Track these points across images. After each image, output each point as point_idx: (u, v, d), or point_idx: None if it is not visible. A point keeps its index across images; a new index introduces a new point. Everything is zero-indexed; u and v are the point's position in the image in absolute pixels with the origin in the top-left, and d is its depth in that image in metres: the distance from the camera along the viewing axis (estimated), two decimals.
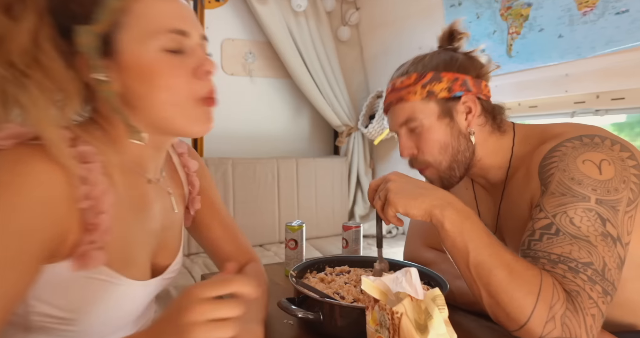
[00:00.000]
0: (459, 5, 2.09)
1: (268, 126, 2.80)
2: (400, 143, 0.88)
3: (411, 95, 0.84)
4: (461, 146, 0.85)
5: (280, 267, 1.14)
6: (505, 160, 0.87)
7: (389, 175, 0.77)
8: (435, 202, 0.70)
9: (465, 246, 0.68)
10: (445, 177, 0.87)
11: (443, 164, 0.85)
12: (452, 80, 0.83)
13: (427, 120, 0.84)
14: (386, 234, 2.65)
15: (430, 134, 0.84)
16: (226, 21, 2.60)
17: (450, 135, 0.84)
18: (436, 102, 0.84)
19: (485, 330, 0.77)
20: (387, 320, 0.54)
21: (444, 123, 0.84)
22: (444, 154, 0.85)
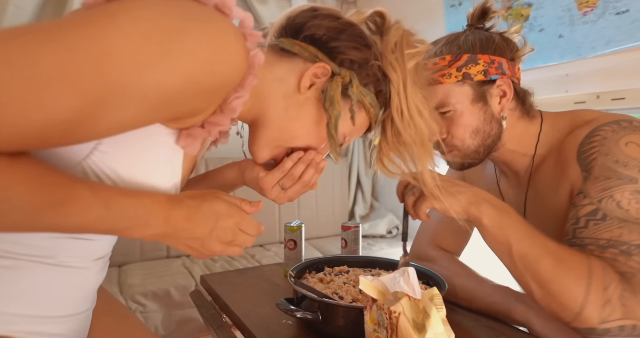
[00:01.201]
0: (459, 5, 2.09)
1: None
2: None
3: (445, 77, 0.81)
4: (492, 131, 0.83)
5: (280, 268, 1.14)
6: (530, 147, 0.85)
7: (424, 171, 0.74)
8: (471, 199, 0.70)
9: (506, 239, 0.67)
10: (467, 160, 0.86)
11: (471, 148, 0.84)
12: (489, 63, 0.81)
13: (460, 105, 0.81)
14: (386, 234, 2.65)
15: (463, 119, 0.81)
16: None
17: (483, 120, 0.82)
18: (470, 86, 0.81)
19: (484, 330, 0.77)
20: (385, 320, 0.54)
21: (478, 107, 0.82)
22: (475, 138, 0.83)
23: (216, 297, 0.94)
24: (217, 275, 1.07)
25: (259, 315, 0.82)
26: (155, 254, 2.17)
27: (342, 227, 1.15)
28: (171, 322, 1.64)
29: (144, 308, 1.64)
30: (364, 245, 2.44)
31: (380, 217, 2.75)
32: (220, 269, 2.03)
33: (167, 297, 1.72)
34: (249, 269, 1.15)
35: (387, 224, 2.67)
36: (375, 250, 2.36)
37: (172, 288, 1.76)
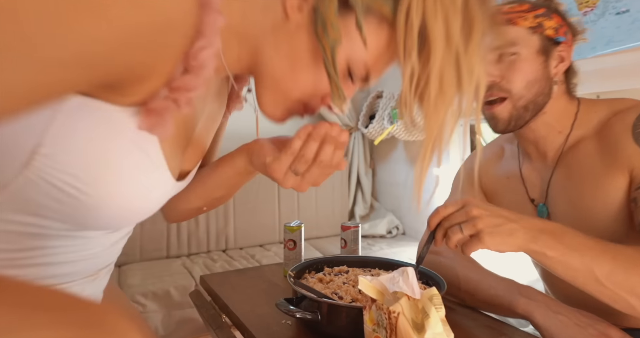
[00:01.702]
0: None
1: (268, 126, 2.78)
2: None
3: (521, 20, 0.81)
4: (545, 89, 0.83)
5: (279, 268, 1.14)
6: (567, 126, 0.86)
7: (472, 207, 0.67)
8: (527, 235, 0.65)
9: (583, 264, 0.63)
10: (515, 117, 0.84)
11: (522, 101, 0.82)
12: (560, 24, 0.83)
13: (525, 51, 0.81)
14: (386, 234, 2.65)
15: (524, 65, 0.81)
16: None
17: (542, 74, 0.83)
18: (539, 37, 0.82)
19: (483, 329, 0.77)
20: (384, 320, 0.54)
21: (540, 60, 0.82)
22: (529, 89, 0.82)
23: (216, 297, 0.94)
24: (216, 276, 1.07)
25: (259, 315, 0.82)
26: (155, 254, 2.17)
27: (342, 227, 1.15)
28: (171, 322, 1.64)
29: (144, 308, 1.64)
30: (364, 245, 2.44)
31: (380, 217, 2.75)
32: (220, 269, 2.03)
33: (166, 297, 1.72)
34: (248, 269, 1.15)
35: (387, 224, 2.67)
36: (375, 250, 2.36)
37: (172, 288, 1.76)
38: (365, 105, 2.79)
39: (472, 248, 0.66)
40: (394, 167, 2.79)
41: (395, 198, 2.80)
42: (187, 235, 2.27)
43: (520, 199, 0.94)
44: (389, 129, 2.45)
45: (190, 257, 2.22)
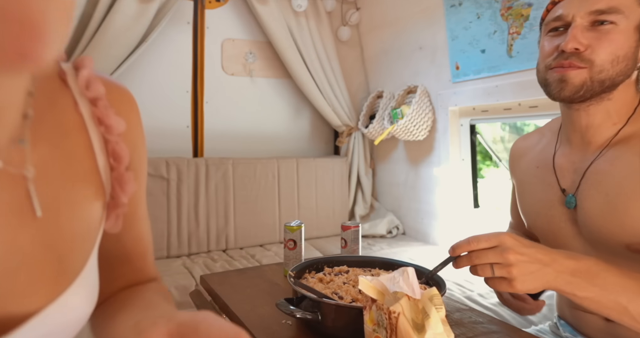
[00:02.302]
0: (460, 5, 2.09)
1: (268, 126, 2.80)
2: (572, 32, 0.74)
3: None
4: (630, 69, 0.75)
5: (280, 268, 1.14)
6: (623, 118, 0.79)
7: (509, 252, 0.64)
8: (559, 279, 0.64)
9: (616, 303, 0.62)
10: (588, 87, 0.75)
11: (602, 75, 0.74)
12: None
13: (625, 22, 0.73)
14: (386, 234, 2.65)
15: (619, 37, 0.73)
16: (226, 21, 2.60)
17: (633, 53, 0.74)
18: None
19: (483, 329, 0.77)
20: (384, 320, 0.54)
21: (636, 37, 0.74)
22: (615, 66, 0.74)
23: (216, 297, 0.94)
24: (217, 275, 1.07)
25: (259, 315, 0.82)
26: (155, 254, 2.17)
27: (342, 227, 1.15)
28: None
29: None
30: (364, 245, 2.44)
31: (380, 217, 2.75)
32: (220, 269, 2.03)
33: None
34: (248, 269, 1.15)
35: (387, 224, 2.67)
36: (375, 250, 2.36)
37: (172, 288, 1.76)
38: (365, 105, 2.79)
39: (499, 288, 0.65)
40: (394, 167, 2.79)
41: (395, 198, 2.80)
42: (187, 235, 2.27)
43: (549, 189, 0.89)
44: (389, 129, 2.45)
45: (191, 257, 2.22)
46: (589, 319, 0.86)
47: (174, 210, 2.25)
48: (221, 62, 2.60)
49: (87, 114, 0.44)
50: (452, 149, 2.32)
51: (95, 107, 0.45)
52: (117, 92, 0.48)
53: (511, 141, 2.53)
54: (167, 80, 2.45)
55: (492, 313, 1.56)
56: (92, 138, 0.44)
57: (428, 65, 2.39)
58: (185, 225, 2.27)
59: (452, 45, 2.17)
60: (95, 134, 0.45)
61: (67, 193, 0.41)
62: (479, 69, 2.06)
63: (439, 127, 2.38)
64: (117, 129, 0.45)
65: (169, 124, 2.48)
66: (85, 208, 0.42)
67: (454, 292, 1.72)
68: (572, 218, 0.84)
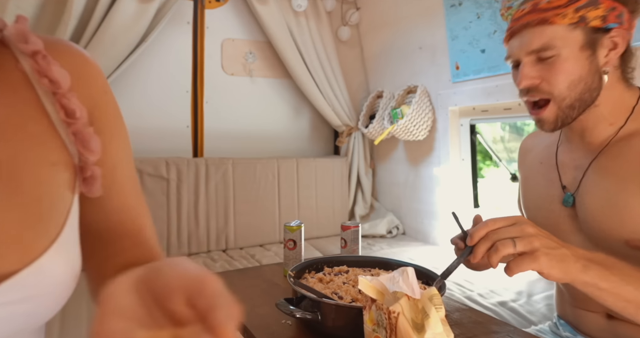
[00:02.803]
0: (460, 5, 2.09)
1: (268, 126, 2.80)
2: (523, 71, 0.78)
3: (559, 17, 0.74)
4: (593, 84, 0.76)
5: (279, 267, 1.14)
6: (620, 118, 0.79)
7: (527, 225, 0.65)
8: (577, 263, 0.63)
9: (635, 295, 0.62)
10: (562, 117, 0.78)
11: (566, 101, 0.76)
12: (609, 9, 0.74)
13: (566, 50, 0.74)
14: (386, 234, 2.65)
15: (565, 66, 0.75)
16: (226, 21, 2.60)
17: (588, 70, 0.75)
18: (583, 31, 0.74)
19: (483, 329, 0.77)
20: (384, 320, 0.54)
21: (584, 56, 0.75)
22: (573, 89, 0.76)
23: None
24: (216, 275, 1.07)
25: (259, 315, 0.82)
26: None
27: (342, 226, 1.15)
28: None
29: None
30: (364, 245, 2.44)
31: (380, 217, 2.75)
32: (220, 269, 2.03)
33: None
34: (248, 269, 1.15)
35: (387, 224, 2.67)
36: (375, 250, 2.36)
37: None
38: (365, 105, 2.79)
39: (522, 266, 0.62)
40: (394, 167, 2.79)
41: (395, 198, 2.80)
42: (187, 235, 2.27)
43: (551, 185, 0.89)
44: (389, 129, 2.45)
45: (191, 257, 2.22)
46: (589, 318, 0.86)
47: (174, 210, 2.25)
48: (221, 62, 2.60)
49: (29, 69, 0.43)
50: (452, 148, 2.32)
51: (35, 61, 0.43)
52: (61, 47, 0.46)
53: (511, 141, 2.54)
54: (167, 80, 2.45)
55: (492, 313, 1.56)
56: (40, 95, 0.43)
57: (428, 65, 2.39)
58: (185, 225, 2.26)
59: (452, 45, 2.17)
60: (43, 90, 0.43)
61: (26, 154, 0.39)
62: (479, 69, 2.06)
63: (439, 127, 2.38)
64: (62, 82, 0.43)
65: (169, 124, 2.48)
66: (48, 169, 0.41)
67: (454, 292, 1.72)
68: (571, 214, 0.85)
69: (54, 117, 0.43)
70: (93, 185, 0.45)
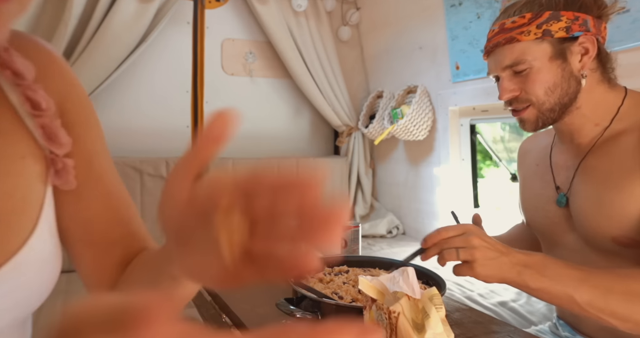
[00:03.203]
0: (460, 5, 2.09)
1: (268, 126, 2.80)
2: (502, 85, 0.84)
3: (524, 35, 0.79)
4: (570, 88, 0.81)
5: None
6: (605, 118, 0.82)
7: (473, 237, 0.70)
8: (512, 270, 0.69)
9: (564, 293, 0.67)
10: (542, 119, 0.83)
11: (546, 105, 0.81)
12: (572, 20, 0.79)
13: (537, 62, 0.80)
14: (386, 234, 2.65)
15: (539, 76, 0.80)
16: (226, 21, 2.60)
17: (561, 77, 0.80)
18: (550, 43, 0.79)
19: (483, 329, 0.77)
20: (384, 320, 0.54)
21: (556, 64, 0.80)
22: (551, 95, 0.80)
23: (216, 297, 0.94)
24: None
25: (259, 315, 0.81)
26: None
27: None
28: None
29: None
30: (364, 245, 2.44)
31: (380, 217, 2.75)
32: None
33: None
34: None
35: (387, 224, 2.67)
36: (375, 250, 2.35)
37: None
38: (365, 105, 2.79)
39: (462, 273, 0.71)
40: (394, 167, 2.79)
41: (395, 198, 2.80)
42: None
43: (546, 186, 0.92)
44: (389, 129, 2.45)
45: None
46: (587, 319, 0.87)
47: None
48: (221, 62, 2.60)
49: None
50: (452, 148, 2.32)
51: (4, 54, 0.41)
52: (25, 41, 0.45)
53: (511, 141, 2.54)
54: (167, 81, 2.45)
55: (492, 313, 1.56)
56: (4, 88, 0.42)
57: (428, 65, 2.39)
58: None
59: (452, 45, 2.17)
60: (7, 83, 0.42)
61: None
62: (479, 69, 2.06)
63: (439, 127, 2.38)
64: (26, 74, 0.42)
65: (169, 124, 2.48)
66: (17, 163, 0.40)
67: (454, 292, 1.72)
68: (565, 214, 0.87)
69: (20, 110, 0.42)
70: (66, 178, 0.44)
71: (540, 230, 0.95)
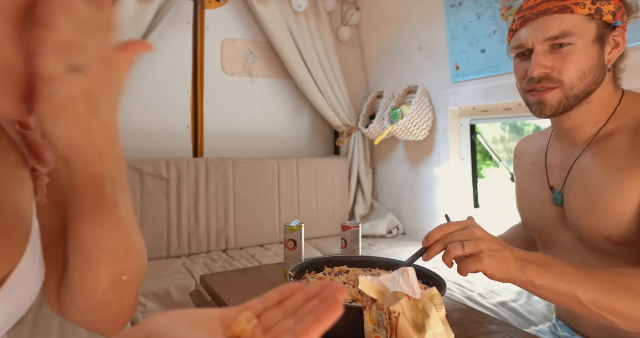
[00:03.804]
0: (460, 5, 2.09)
1: (268, 126, 2.80)
2: (536, 59, 0.79)
3: (579, 7, 0.76)
4: (599, 78, 0.79)
5: (280, 267, 1.14)
6: (604, 117, 0.82)
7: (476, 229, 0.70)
8: (516, 264, 0.67)
9: (567, 290, 0.66)
10: (564, 104, 0.80)
11: (574, 91, 0.78)
12: (618, 7, 0.77)
13: (581, 40, 0.76)
14: (386, 234, 2.65)
15: (579, 55, 0.77)
16: (226, 21, 2.60)
17: (597, 63, 0.78)
18: (597, 24, 0.77)
19: (483, 329, 0.77)
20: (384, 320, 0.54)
21: (595, 49, 0.78)
22: (583, 80, 0.78)
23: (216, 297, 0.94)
24: (217, 275, 1.07)
25: None
26: (155, 254, 2.17)
27: (342, 226, 1.15)
28: None
29: (144, 308, 1.64)
30: (364, 245, 2.44)
31: (380, 217, 2.75)
32: (220, 269, 2.03)
33: (167, 297, 1.72)
34: (248, 269, 1.15)
35: (387, 224, 2.67)
36: (375, 250, 2.35)
37: (172, 288, 1.76)
38: (365, 105, 2.79)
39: (469, 267, 0.68)
40: (394, 167, 2.79)
41: (395, 198, 2.80)
42: (187, 235, 2.27)
43: (540, 185, 0.92)
44: (389, 129, 2.45)
45: (191, 257, 2.22)
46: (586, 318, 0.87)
47: (174, 210, 2.25)
48: (221, 62, 2.60)
49: None
50: (452, 148, 2.32)
51: None
52: None
53: (511, 141, 2.53)
54: (167, 80, 2.45)
55: (492, 313, 1.56)
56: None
57: (428, 65, 2.39)
58: (185, 225, 2.26)
59: (452, 45, 2.17)
60: None
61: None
62: (479, 69, 2.06)
63: (439, 127, 2.38)
64: None
65: (169, 124, 2.48)
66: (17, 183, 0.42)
67: (454, 292, 1.72)
68: (560, 214, 0.87)
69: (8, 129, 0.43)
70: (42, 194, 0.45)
71: (536, 230, 0.95)
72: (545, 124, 1.98)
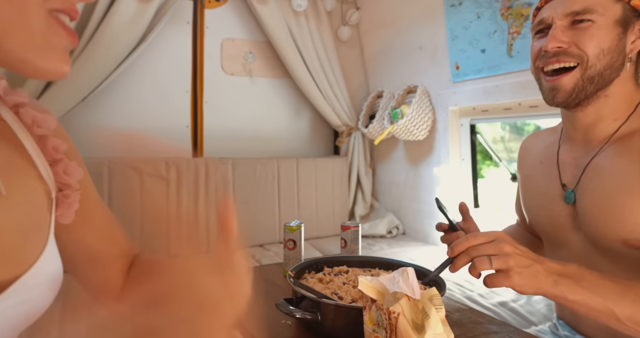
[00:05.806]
0: (460, 5, 2.09)
1: (268, 126, 2.79)
2: (553, 33, 0.77)
3: None
4: (616, 63, 0.76)
5: (279, 268, 1.13)
6: (624, 114, 0.79)
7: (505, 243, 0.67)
8: (548, 279, 0.65)
9: (604, 305, 0.64)
10: (579, 88, 0.77)
11: (591, 70, 0.76)
12: None
13: (603, 19, 0.75)
14: (386, 234, 2.65)
15: (598, 33, 0.75)
16: (226, 21, 2.59)
17: (616, 45, 0.76)
18: (622, 7, 0.75)
19: (483, 329, 0.77)
20: (384, 320, 0.54)
21: (616, 31, 0.76)
22: (602, 59, 0.76)
23: None
24: None
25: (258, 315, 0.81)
26: None
27: (342, 227, 1.15)
28: None
29: None
30: (364, 245, 2.44)
31: (380, 217, 2.74)
32: None
33: None
34: None
35: (387, 224, 2.67)
36: (375, 250, 2.35)
37: None
38: (365, 105, 2.79)
39: (497, 283, 0.65)
40: (394, 167, 2.79)
41: (395, 198, 2.80)
42: None
43: (551, 184, 0.90)
44: (389, 129, 2.45)
45: None
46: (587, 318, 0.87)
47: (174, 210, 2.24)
48: (221, 62, 2.60)
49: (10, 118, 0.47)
50: (452, 148, 2.32)
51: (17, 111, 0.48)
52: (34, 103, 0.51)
53: (511, 141, 2.53)
54: (166, 80, 2.45)
55: (492, 313, 1.55)
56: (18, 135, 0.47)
57: (428, 65, 2.39)
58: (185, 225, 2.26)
59: (452, 45, 2.17)
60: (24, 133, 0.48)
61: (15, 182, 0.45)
62: (479, 69, 2.06)
63: (439, 127, 2.38)
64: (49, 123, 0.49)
65: (169, 124, 2.48)
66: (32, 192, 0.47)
67: (454, 292, 1.72)
68: (572, 213, 0.85)
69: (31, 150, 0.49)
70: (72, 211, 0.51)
71: (544, 230, 0.93)
72: (545, 124, 1.98)
